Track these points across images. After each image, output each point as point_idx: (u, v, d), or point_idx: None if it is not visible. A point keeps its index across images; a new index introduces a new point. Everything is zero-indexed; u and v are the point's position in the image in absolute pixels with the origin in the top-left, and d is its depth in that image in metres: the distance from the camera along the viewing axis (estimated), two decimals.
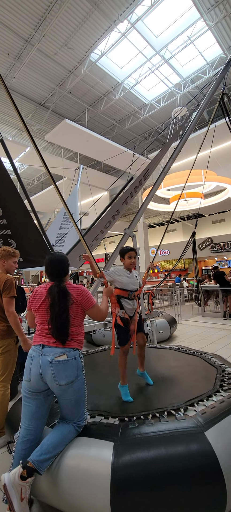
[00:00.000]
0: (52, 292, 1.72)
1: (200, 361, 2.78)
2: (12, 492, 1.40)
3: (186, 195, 11.66)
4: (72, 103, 11.57)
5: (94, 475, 1.45)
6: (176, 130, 6.14)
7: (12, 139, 12.96)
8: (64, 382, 1.60)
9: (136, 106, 12.02)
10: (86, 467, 1.49)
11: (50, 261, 1.82)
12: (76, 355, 1.69)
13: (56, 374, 1.60)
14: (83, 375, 1.72)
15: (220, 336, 6.02)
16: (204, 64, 9.91)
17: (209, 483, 1.41)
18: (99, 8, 7.58)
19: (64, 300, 1.70)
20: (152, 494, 1.37)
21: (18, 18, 7.66)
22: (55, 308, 1.68)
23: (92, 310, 1.84)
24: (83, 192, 12.26)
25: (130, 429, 1.60)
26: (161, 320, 5.68)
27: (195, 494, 1.39)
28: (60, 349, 1.65)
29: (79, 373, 1.68)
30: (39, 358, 1.63)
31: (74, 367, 1.65)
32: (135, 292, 2.34)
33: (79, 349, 1.75)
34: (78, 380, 1.66)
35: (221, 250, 20.16)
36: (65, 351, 1.65)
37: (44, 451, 1.53)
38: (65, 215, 6.24)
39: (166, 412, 1.73)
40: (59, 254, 1.88)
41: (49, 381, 1.61)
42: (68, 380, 1.61)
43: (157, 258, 24.21)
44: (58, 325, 1.66)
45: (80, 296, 1.79)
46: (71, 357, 1.65)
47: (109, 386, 2.37)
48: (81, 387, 1.69)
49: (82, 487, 1.45)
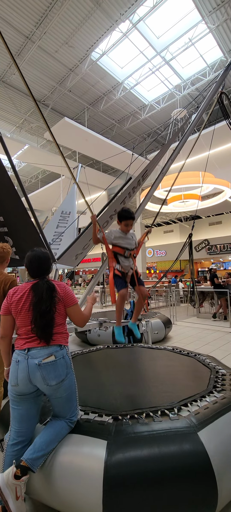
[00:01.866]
0: (40, 289, 1.64)
1: (194, 362, 2.80)
2: (6, 491, 1.39)
3: (183, 197, 11.72)
4: (72, 101, 11.54)
5: (87, 473, 1.45)
6: (175, 131, 6.16)
7: (11, 136, 12.88)
8: (54, 382, 1.58)
9: (135, 106, 12.03)
10: (79, 465, 1.49)
11: (33, 257, 1.73)
12: (64, 353, 1.66)
13: (46, 375, 1.56)
14: (72, 371, 1.70)
15: (214, 337, 6.07)
16: (204, 67, 9.97)
17: (201, 483, 1.43)
18: (101, 7, 7.57)
19: (51, 298, 1.64)
20: (144, 493, 1.38)
21: (19, 14, 7.61)
22: (41, 305, 1.60)
23: (73, 309, 1.76)
24: None
25: (123, 428, 1.61)
26: (156, 320, 5.71)
27: (187, 493, 1.41)
28: (47, 350, 1.60)
29: (69, 371, 1.66)
30: (26, 362, 1.57)
31: (63, 366, 1.63)
32: (131, 251, 2.46)
33: (66, 345, 1.72)
34: (68, 378, 1.65)
35: (217, 252, 20.31)
36: (53, 351, 1.61)
37: (37, 449, 1.52)
38: (62, 214, 6.21)
39: (159, 412, 1.74)
40: (41, 250, 1.78)
41: (39, 383, 1.58)
42: (59, 379, 1.59)
43: (153, 259, 24.29)
44: (43, 324, 1.59)
45: (63, 292, 1.73)
46: (59, 356, 1.62)
47: (104, 384, 2.38)
48: (71, 383, 1.68)
49: (75, 485, 1.45)
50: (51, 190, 16.12)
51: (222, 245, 19.92)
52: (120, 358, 3.15)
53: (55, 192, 15.07)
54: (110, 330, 5.01)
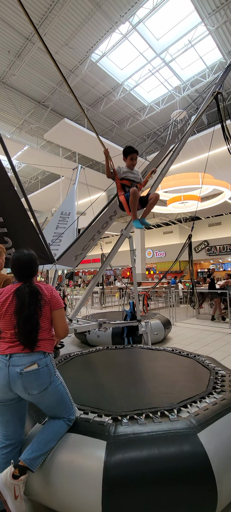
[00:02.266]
0: (22, 293, 1.57)
1: (194, 363, 2.80)
2: (5, 491, 1.39)
3: (183, 198, 11.74)
4: (72, 102, 11.55)
5: (86, 474, 1.45)
6: (175, 132, 6.18)
7: (11, 137, 12.88)
8: (36, 391, 1.53)
9: (135, 107, 12.05)
10: (78, 465, 1.49)
11: (18, 260, 1.65)
12: (48, 361, 1.59)
13: (27, 385, 1.50)
14: (57, 377, 1.64)
15: (214, 338, 6.07)
16: (204, 68, 10.00)
17: (201, 484, 1.42)
18: (101, 9, 7.59)
19: (35, 302, 1.56)
20: (143, 494, 1.38)
21: (19, 16, 7.62)
22: (24, 311, 1.53)
23: (59, 313, 1.68)
24: (81, 192, 12.24)
25: (123, 428, 1.61)
26: (155, 321, 5.71)
27: (187, 495, 1.41)
28: (29, 357, 1.54)
29: (52, 378, 1.60)
30: (6, 369, 1.50)
31: (46, 375, 1.56)
32: (137, 183, 2.87)
33: (51, 353, 1.65)
34: (52, 384, 1.59)
35: (216, 253, 20.34)
36: (35, 359, 1.54)
37: (35, 448, 1.51)
38: (62, 215, 6.22)
39: (159, 413, 1.74)
40: (28, 252, 1.70)
41: (20, 392, 1.52)
42: (41, 388, 1.54)
43: (153, 260, 24.30)
44: (27, 330, 1.52)
45: (50, 294, 1.66)
46: (42, 365, 1.55)
47: (103, 385, 2.38)
48: (58, 388, 1.62)
49: (74, 485, 1.45)
50: (51, 191, 16.12)
51: (222, 246, 19.95)
52: (119, 359, 3.15)
53: (55, 193, 15.07)
54: (109, 331, 5.01)
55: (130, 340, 4.64)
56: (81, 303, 4.30)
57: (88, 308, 11.59)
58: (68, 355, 3.24)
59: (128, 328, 4.66)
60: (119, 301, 13.11)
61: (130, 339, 4.65)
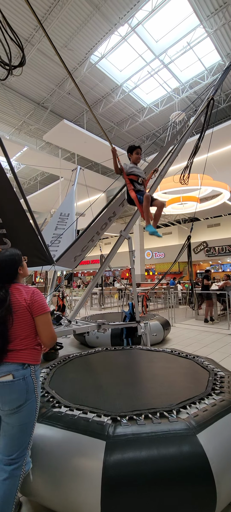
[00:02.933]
0: None
1: (193, 364, 2.80)
2: None
3: (182, 199, 11.77)
4: (71, 104, 11.57)
5: (85, 474, 1.45)
6: (174, 134, 6.20)
7: (10, 138, 12.88)
8: (7, 407, 1.35)
9: (134, 109, 12.09)
10: (77, 465, 1.49)
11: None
12: (27, 374, 1.41)
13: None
14: (35, 398, 1.43)
15: (213, 339, 6.08)
16: (202, 70, 10.05)
17: (200, 485, 1.43)
18: (100, 11, 7.62)
19: (6, 308, 1.42)
20: (142, 495, 1.38)
21: (18, 18, 7.64)
22: None
23: (42, 319, 1.48)
24: (80, 193, 12.25)
25: (122, 429, 1.61)
26: (154, 322, 5.71)
27: (186, 495, 1.41)
28: (4, 367, 1.38)
29: (30, 396, 1.40)
30: None
31: (22, 390, 1.38)
32: (143, 178, 3.18)
33: (33, 364, 1.46)
34: (27, 405, 1.38)
35: (215, 254, 20.38)
36: (11, 370, 1.38)
37: None
38: (61, 216, 6.22)
39: (158, 413, 1.74)
40: (9, 253, 1.58)
41: None
42: (13, 405, 1.35)
43: (152, 261, 24.32)
44: None
45: (30, 298, 1.48)
46: (18, 377, 1.38)
47: (102, 386, 2.37)
48: (30, 414, 1.40)
49: (73, 485, 1.45)
50: (50, 192, 16.12)
51: (221, 247, 20.00)
52: (118, 360, 3.15)
53: (54, 194, 15.07)
54: (109, 332, 5.01)
55: (129, 341, 4.64)
56: (81, 304, 4.30)
57: (88, 309, 11.58)
58: (67, 356, 3.24)
59: (127, 329, 4.66)
60: (118, 302, 13.10)
61: (129, 340, 4.65)
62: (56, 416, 1.77)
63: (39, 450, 1.61)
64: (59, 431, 1.67)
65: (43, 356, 4.94)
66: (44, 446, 1.62)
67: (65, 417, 1.75)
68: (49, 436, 1.66)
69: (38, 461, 1.57)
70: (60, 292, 6.81)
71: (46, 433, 1.68)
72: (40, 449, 1.61)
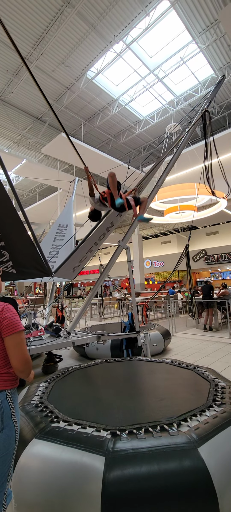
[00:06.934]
0: None
1: (193, 375, 2.77)
2: None
3: (180, 208, 11.87)
4: (69, 117, 11.81)
5: (84, 490, 1.41)
6: (170, 145, 6.31)
7: (9, 152, 13.07)
8: None
9: (131, 121, 12.33)
10: (76, 481, 1.45)
11: None
12: (1, 398, 1.26)
13: None
14: (13, 425, 1.27)
15: (214, 349, 6.01)
16: (196, 83, 10.32)
17: (202, 500, 1.39)
18: (96, 29, 7.88)
19: None
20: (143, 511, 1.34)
21: (17, 36, 7.88)
22: None
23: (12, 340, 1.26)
24: (78, 204, 12.35)
25: (122, 444, 1.57)
26: (155, 332, 5.65)
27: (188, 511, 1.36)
28: None
29: (6, 423, 1.24)
30: None
31: None
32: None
33: (7, 388, 1.30)
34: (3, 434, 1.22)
35: (215, 262, 20.41)
36: None
37: None
38: (59, 227, 6.25)
39: (158, 427, 1.71)
40: None
41: None
42: None
43: (151, 270, 24.31)
44: None
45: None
46: None
47: (102, 399, 2.33)
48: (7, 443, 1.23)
49: (72, 501, 1.40)
50: (48, 204, 16.24)
51: (220, 255, 20.05)
52: (118, 372, 3.11)
53: (52, 205, 15.18)
54: (108, 343, 4.95)
55: (129, 352, 4.59)
56: (80, 315, 4.26)
57: (88, 320, 11.48)
58: (67, 369, 3.19)
59: (126, 340, 4.62)
60: (118, 312, 13.01)
61: (129, 351, 4.60)
62: (54, 432, 1.73)
63: (36, 466, 1.57)
64: (58, 446, 1.63)
65: (42, 370, 4.86)
66: (41, 463, 1.58)
67: (63, 432, 1.71)
68: (47, 452, 1.62)
69: (35, 478, 1.53)
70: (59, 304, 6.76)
71: (44, 449, 1.64)
72: (37, 465, 1.57)
